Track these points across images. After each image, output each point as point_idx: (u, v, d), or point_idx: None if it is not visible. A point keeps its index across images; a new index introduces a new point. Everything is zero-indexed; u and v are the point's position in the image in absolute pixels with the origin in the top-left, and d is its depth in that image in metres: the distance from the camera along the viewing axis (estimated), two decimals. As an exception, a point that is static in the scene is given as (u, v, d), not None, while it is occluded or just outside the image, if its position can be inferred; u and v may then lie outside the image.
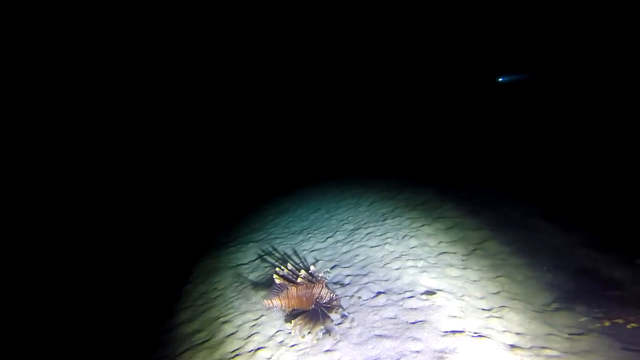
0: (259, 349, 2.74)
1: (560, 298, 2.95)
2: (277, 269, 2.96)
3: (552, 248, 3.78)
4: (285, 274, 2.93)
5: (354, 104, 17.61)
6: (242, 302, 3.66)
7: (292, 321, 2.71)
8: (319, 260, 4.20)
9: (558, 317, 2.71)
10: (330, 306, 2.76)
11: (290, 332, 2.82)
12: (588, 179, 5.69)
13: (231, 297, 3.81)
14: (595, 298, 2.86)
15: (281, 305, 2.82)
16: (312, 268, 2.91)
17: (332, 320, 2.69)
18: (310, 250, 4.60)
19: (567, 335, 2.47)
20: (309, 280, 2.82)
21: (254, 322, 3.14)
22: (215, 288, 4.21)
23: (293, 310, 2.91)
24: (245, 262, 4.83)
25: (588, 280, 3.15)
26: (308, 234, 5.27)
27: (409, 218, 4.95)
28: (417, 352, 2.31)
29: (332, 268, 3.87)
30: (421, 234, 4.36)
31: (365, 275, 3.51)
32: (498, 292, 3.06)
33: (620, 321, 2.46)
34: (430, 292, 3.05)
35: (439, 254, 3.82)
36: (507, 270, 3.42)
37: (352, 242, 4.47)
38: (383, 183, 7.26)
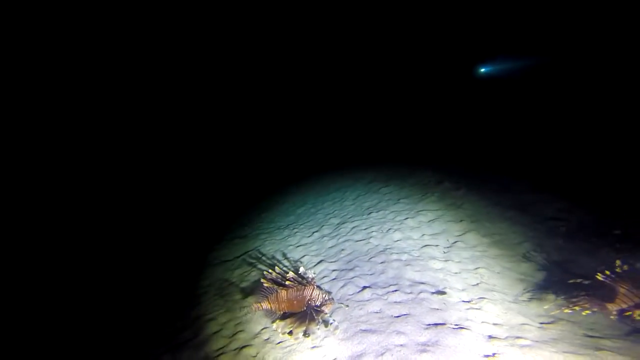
0: (244, 346, 2.76)
1: (533, 288, 3.12)
2: (265, 272, 2.88)
3: (527, 239, 3.96)
4: (274, 277, 2.85)
5: (339, 99, 17.54)
6: (226, 299, 3.66)
7: (276, 322, 2.69)
8: (305, 255, 4.22)
9: (531, 306, 2.86)
10: (321, 310, 2.71)
11: (275, 329, 2.84)
12: (564, 171, 5.96)
13: (215, 295, 3.79)
14: (562, 286, 3.03)
15: (271, 309, 2.76)
16: (301, 269, 2.88)
17: (317, 323, 2.68)
18: (297, 245, 4.62)
19: (538, 325, 2.62)
20: (299, 282, 2.76)
21: (239, 320, 3.15)
22: (200, 285, 4.18)
23: (284, 313, 2.84)
24: (230, 258, 4.80)
25: (557, 269, 3.34)
26: (294, 228, 5.28)
27: (393, 211, 5.04)
28: (401, 345, 2.39)
29: (318, 263, 3.91)
30: (405, 227, 4.46)
31: (351, 269, 3.57)
32: (477, 284, 3.19)
33: (576, 308, 2.62)
34: (413, 286, 3.15)
35: (422, 247, 3.93)
36: (486, 262, 3.57)
37: (338, 237, 4.52)
38: (369, 176, 7.33)
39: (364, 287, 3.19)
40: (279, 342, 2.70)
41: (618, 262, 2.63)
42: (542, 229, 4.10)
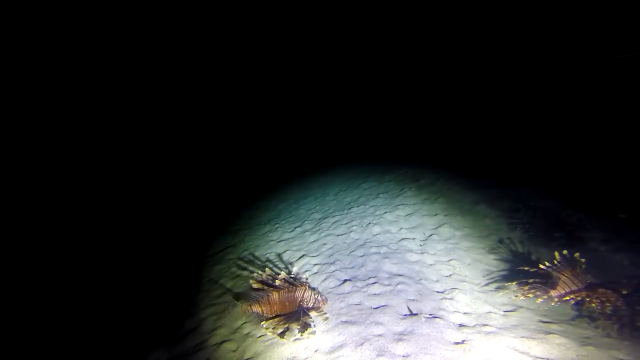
0: (224, 341, 2.79)
1: (498, 278, 3.37)
2: (254, 274, 2.83)
3: (494, 232, 4.24)
4: (264, 278, 2.78)
5: (318, 99, 17.50)
6: (203, 296, 3.66)
7: (266, 321, 2.64)
8: (287, 250, 4.29)
9: (496, 296, 3.10)
10: (314, 309, 2.72)
11: (256, 323, 2.87)
12: (529, 167, 6.37)
13: (193, 292, 3.78)
14: (519, 276, 3.28)
15: (262, 312, 2.70)
16: (294, 270, 2.86)
17: (300, 324, 2.58)
18: (278, 240, 4.66)
19: (502, 313, 2.85)
20: (291, 283, 2.72)
21: (218, 316, 3.17)
22: (178, 281, 4.14)
23: (277, 316, 2.76)
24: (209, 254, 4.78)
25: (519, 260, 3.62)
26: (275, 224, 5.31)
27: (373, 206, 5.20)
28: (379, 335, 2.53)
29: (300, 257, 3.99)
30: (384, 221, 4.63)
31: (332, 263, 3.68)
32: (450, 275, 3.40)
33: (530, 295, 2.88)
34: (391, 278, 3.30)
35: (400, 240, 4.11)
36: (458, 254, 3.80)
37: (319, 231, 4.61)
38: (349, 173, 7.45)
39: (345, 280, 3.31)
40: (259, 336, 2.76)
41: (565, 252, 2.91)
42: (507, 222, 4.41)
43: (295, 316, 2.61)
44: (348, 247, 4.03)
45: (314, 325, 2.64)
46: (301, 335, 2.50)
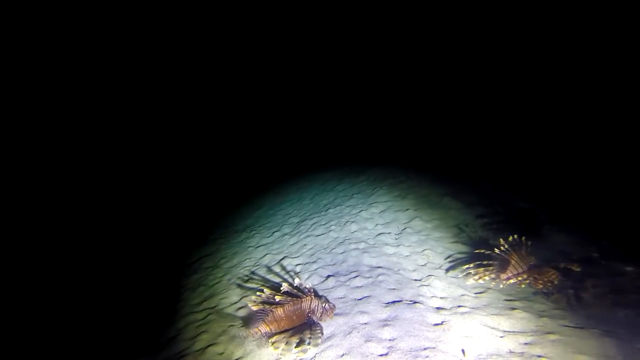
0: (209, 345, 2.73)
1: (460, 262, 3.63)
2: (252, 297, 2.68)
3: (460, 222, 4.58)
4: (264, 298, 2.63)
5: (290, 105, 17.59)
6: (182, 304, 3.54)
7: (274, 337, 2.48)
8: (267, 254, 4.27)
9: (467, 280, 3.36)
10: (322, 318, 2.65)
11: (242, 327, 2.84)
12: (490, 163, 6.95)
13: (172, 301, 3.64)
14: (481, 259, 3.56)
15: (270, 330, 2.56)
16: (296, 281, 2.77)
17: (319, 329, 2.48)
18: (257, 246, 4.63)
19: (474, 295, 3.10)
20: (294, 295, 2.61)
21: (198, 324, 3.09)
22: (153, 292, 3.95)
23: (285, 330, 2.60)
24: (187, 263, 4.62)
25: (482, 245, 3.94)
26: (252, 230, 5.26)
27: (349, 206, 5.36)
28: (366, 323, 2.64)
29: (281, 260, 4.00)
30: (360, 219, 4.79)
31: (314, 262, 3.75)
32: (425, 264, 3.62)
33: (485, 278, 3.14)
34: (372, 270, 3.44)
35: (377, 235, 4.28)
36: (431, 244, 4.05)
37: (299, 234, 4.65)
38: (322, 178, 7.59)
39: (328, 276, 3.39)
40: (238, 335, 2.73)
41: (510, 238, 3.18)
42: (471, 212, 4.78)
43: (303, 328, 2.50)
44: (328, 246, 4.12)
45: (309, 343, 2.41)
46: (310, 347, 2.36)
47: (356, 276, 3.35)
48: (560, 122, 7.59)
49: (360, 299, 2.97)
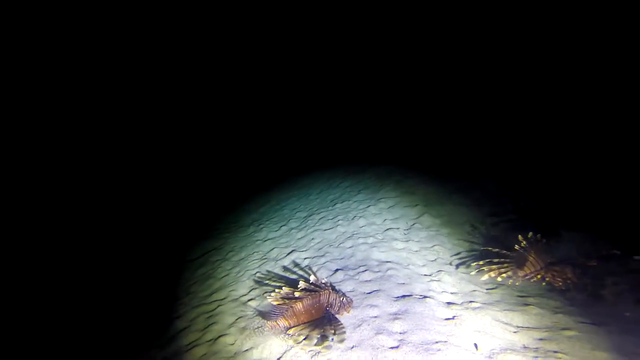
0: (220, 336, 2.73)
1: (471, 259, 3.58)
2: (272, 293, 2.69)
3: (469, 219, 4.51)
4: (284, 294, 2.65)
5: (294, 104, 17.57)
6: (192, 297, 3.56)
7: (292, 330, 2.52)
8: (274, 248, 4.26)
9: (479, 276, 3.30)
10: (340, 312, 2.66)
11: (250, 317, 2.83)
12: (498, 162, 6.84)
13: (181, 294, 3.66)
14: (495, 257, 3.50)
15: (289, 324, 2.60)
16: (312, 278, 2.74)
17: (340, 324, 2.47)
18: (264, 239, 4.62)
19: (485, 290, 3.05)
20: (312, 290, 2.62)
21: (208, 315, 3.09)
22: (161, 285, 3.97)
23: (303, 323, 2.62)
24: (194, 257, 4.64)
25: (493, 243, 3.87)
26: (260, 225, 5.26)
27: (356, 201, 5.32)
28: (376, 317, 2.60)
29: (289, 253, 3.98)
30: (368, 214, 4.75)
31: (322, 256, 3.72)
32: (435, 259, 3.57)
33: (503, 275, 3.09)
34: (380, 265, 3.41)
35: (385, 230, 4.24)
36: (440, 240, 3.99)
37: (306, 228, 4.64)
38: (327, 174, 7.55)
39: (336, 270, 3.36)
40: (257, 328, 2.72)
41: (529, 235, 3.14)
42: (480, 209, 4.70)
43: (322, 322, 2.51)
44: (336, 240, 4.09)
45: (333, 338, 2.44)
46: (333, 343, 2.38)
47: (365, 270, 3.32)
48: (565, 120, 7.44)
49: (369, 293, 2.94)
